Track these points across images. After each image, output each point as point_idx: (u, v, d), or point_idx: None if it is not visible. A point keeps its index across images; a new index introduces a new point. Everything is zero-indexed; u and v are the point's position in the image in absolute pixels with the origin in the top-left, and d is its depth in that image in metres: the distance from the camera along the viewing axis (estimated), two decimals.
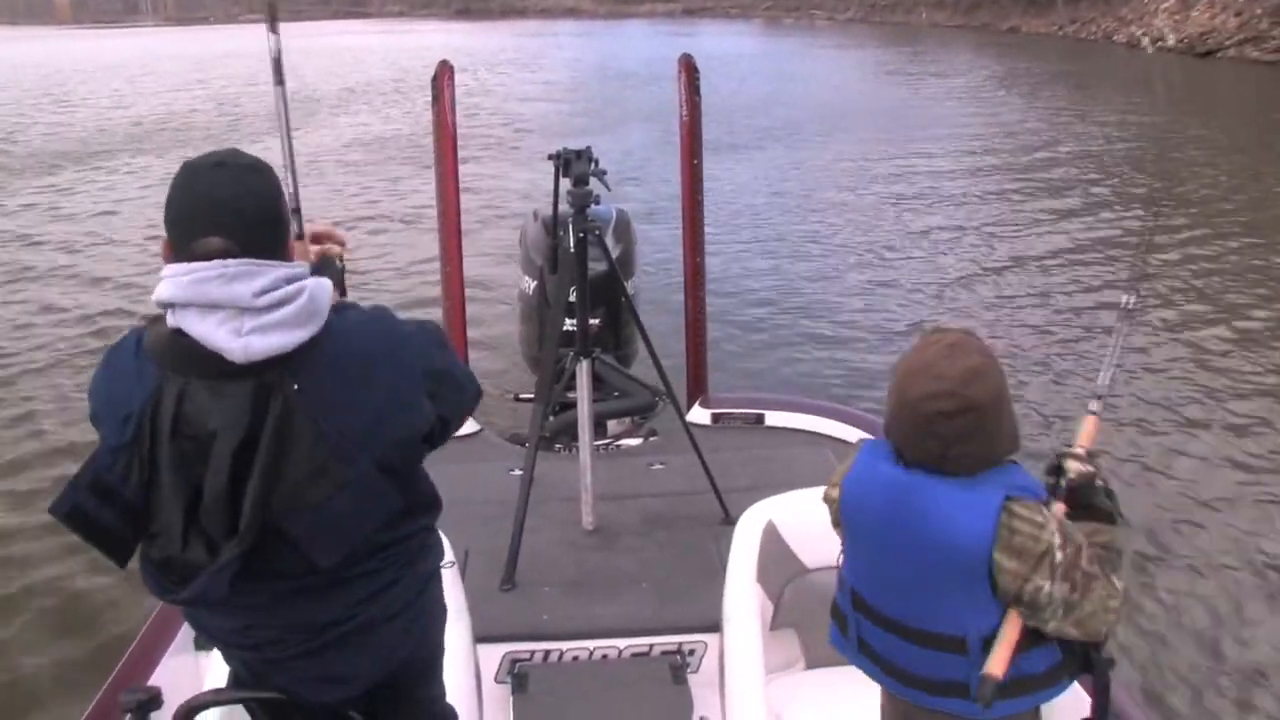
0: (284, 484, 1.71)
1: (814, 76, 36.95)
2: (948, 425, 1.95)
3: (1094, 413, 2.26)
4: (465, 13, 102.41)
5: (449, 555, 2.30)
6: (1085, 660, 2.10)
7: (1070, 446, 2.18)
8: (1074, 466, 2.11)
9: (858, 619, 2.20)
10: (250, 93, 31.06)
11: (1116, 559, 2.08)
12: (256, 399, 1.71)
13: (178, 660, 3.18)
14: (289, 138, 2.19)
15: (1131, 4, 48.59)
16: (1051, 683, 2.08)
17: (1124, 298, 2.48)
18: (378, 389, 1.80)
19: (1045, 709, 2.15)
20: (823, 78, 36.28)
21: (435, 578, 2.11)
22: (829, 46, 52.58)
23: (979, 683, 1.97)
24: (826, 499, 2.25)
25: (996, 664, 1.96)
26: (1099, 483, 2.12)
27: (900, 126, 23.39)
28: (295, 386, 1.72)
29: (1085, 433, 2.21)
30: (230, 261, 1.69)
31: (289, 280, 1.74)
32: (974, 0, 66.97)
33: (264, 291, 1.69)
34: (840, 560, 2.26)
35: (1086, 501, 2.10)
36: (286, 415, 1.71)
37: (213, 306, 1.69)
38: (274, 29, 2.14)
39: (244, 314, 1.68)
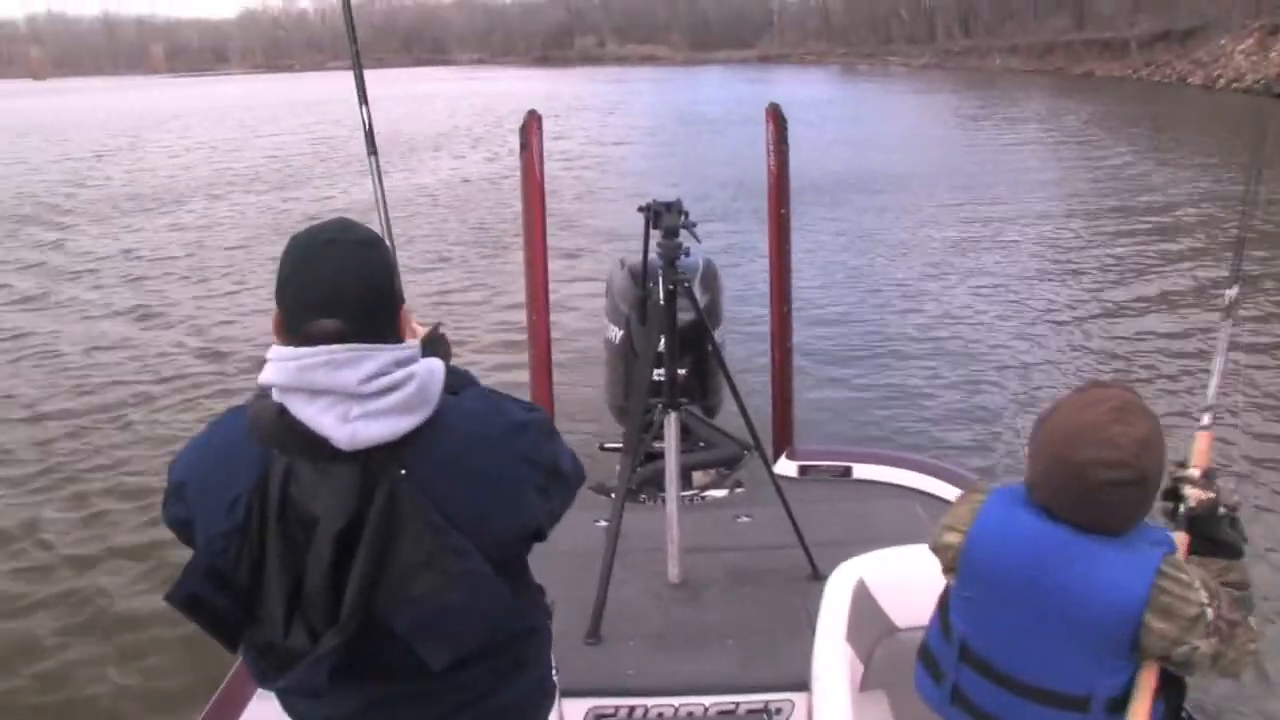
0: (390, 574, 1.66)
1: (893, 124, 36.83)
2: (1118, 494, 1.88)
3: (1205, 428, 2.17)
4: (544, 60, 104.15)
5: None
6: (1179, 711, 2.04)
7: (1185, 468, 2.08)
8: (1193, 494, 2.04)
9: (960, 669, 2.13)
10: (338, 137, 31.75)
11: (1249, 597, 1.99)
12: (363, 483, 1.65)
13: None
14: (385, 207, 2.16)
15: (1207, 46, 47.95)
16: None
17: (1226, 292, 2.38)
18: (489, 480, 1.75)
19: None
20: (902, 125, 36.15)
21: (537, 694, 2.04)
22: (905, 92, 52.46)
23: None
24: (939, 546, 2.16)
25: (1137, 716, 1.92)
26: (1222, 510, 2.02)
27: (979, 173, 23.17)
28: (403, 471, 1.67)
29: (1199, 451, 2.12)
30: (338, 347, 1.64)
31: (399, 364, 1.69)
32: (1047, 45, 66.63)
33: (372, 377, 1.64)
34: (938, 609, 2.21)
35: (1209, 534, 2.01)
36: (393, 501, 1.65)
37: (321, 392, 1.65)
38: (364, 99, 2.11)
39: (351, 400, 1.64)
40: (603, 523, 4.12)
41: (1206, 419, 2.20)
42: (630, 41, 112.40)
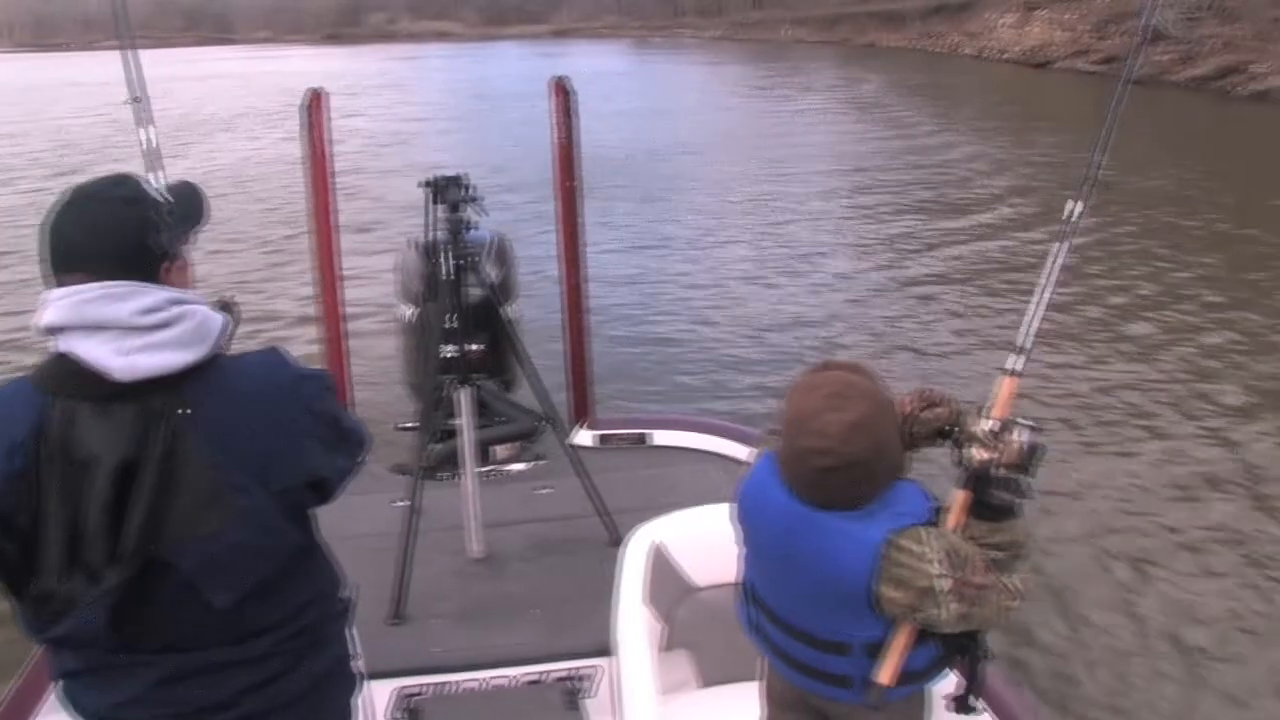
0: (173, 512, 1.65)
1: (686, 94, 37.32)
2: (831, 479, 1.97)
3: (1012, 372, 2.15)
4: (335, 38, 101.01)
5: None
6: (964, 648, 2.13)
7: (980, 421, 2.08)
8: (975, 454, 2.06)
9: (755, 609, 2.24)
10: (106, 121, 30.09)
11: (1015, 556, 2.05)
12: (144, 422, 1.65)
13: None
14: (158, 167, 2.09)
15: (978, 19, 50.39)
16: (934, 674, 2.15)
17: (1070, 204, 2.25)
18: (270, 423, 1.76)
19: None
20: (695, 96, 36.67)
21: (336, 676, 2.02)
22: (698, 64, 53.27)
23: (867, 689, 2.05)
24: (733, 500, 2.24)
25: (885, 674, 2.03)
26: (998, 472, 2.03)
27: (772, 140, 23.76)
28: (185, 411, 1.67)
29: (1000, 399, 2.10)
30: (112, 283, 1.66)
31: (174, 303, 1.71)
32: (834, 16, 68.62)
33: (147, 311, 1.66)
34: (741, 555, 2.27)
35: (981, 497, 2.04)
36: (175, 440, 1.65)
37: (97, 327, 1.65)
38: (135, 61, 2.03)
39: (129, 333, 1.65)
40: (401, 503, 4.05)
41: (1012, 363, 2.16)
42: (423, 18, 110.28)
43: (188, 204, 1.90)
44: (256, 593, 1.78)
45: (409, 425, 5.00)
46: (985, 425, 2.07)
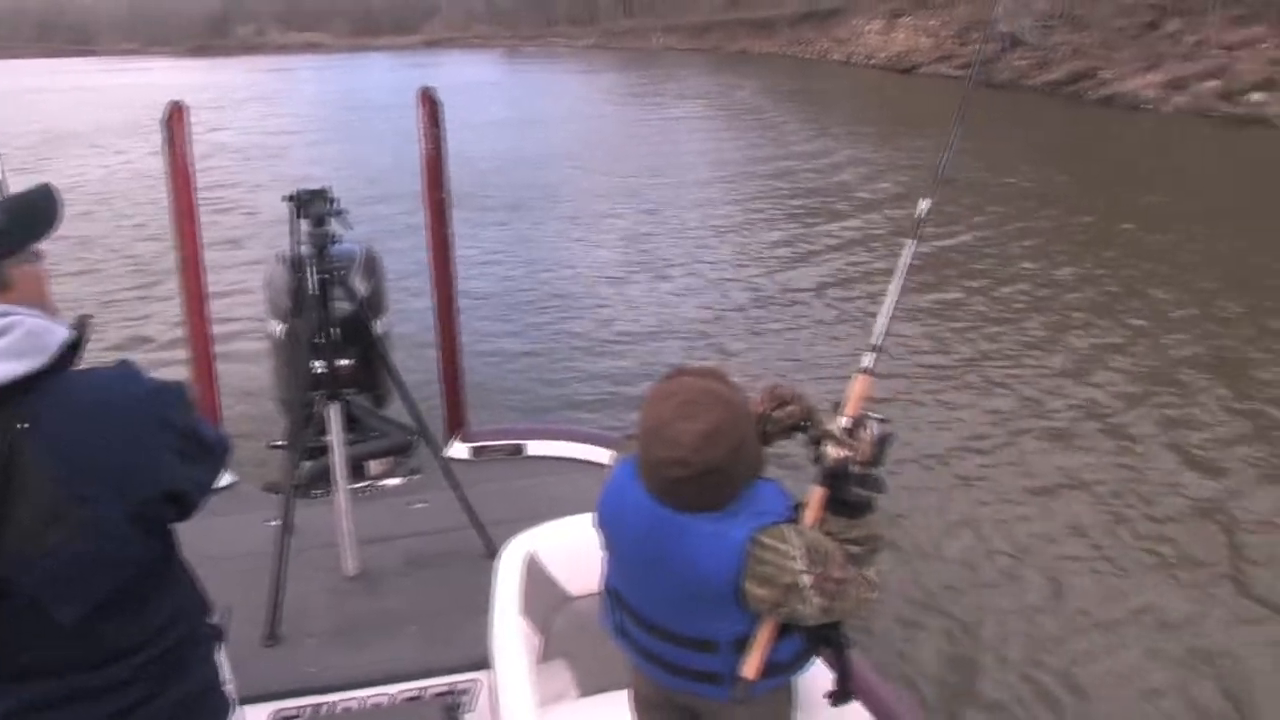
0: (13, 528, 1.59)
1: (559, 102, 37.35)
2: (686, 488, 1.97)
3: (866, 370, 2.17)
4: (202, 50, 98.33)
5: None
6: (827, 639, 2.16)
7: (836, 420, 2.11)
8: (830, 452, 2.08)
9: (620, 613, 2.24)
10: None
11: (872, 550, 2.10)
12: None
13: None
14: None
15: (846, 25, 51.53)
16: (798, 666, 2.17)
17: (920, 203, 2.31)
18: (123, 435, 1.70)
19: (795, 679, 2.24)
20: (568, 103, 36.73)
21: (204, 701, 1.96)
22: (571, 73, 53.33)
23: (733, 684, 2.06)
24: (597, 505, 2.24)
25: (750, 668, 2.05)
26: (854, 469, 2.06)
27: (645, 146, 23.92)
28: (23, 425, 1.61)
29: (854, 396, 2.13)
30: None
31: (2, 315, 1.64)
32: (705, 24, 69.40)
33: None
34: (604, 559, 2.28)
35: (837, 493, 2.07)
36: (13, 454, 1.59)
37: None
38: None
39: None
40: (274, 522, 3.98)
41: (867, 360, 2.18)
42: (291, 30, 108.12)
43: (32, 207, 1.82)
44: (111, 612, 1.73)
45: (280, 443, 4.92)
46: (840, 423, 2.10)
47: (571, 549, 3.25)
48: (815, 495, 2.09)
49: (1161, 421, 7.50)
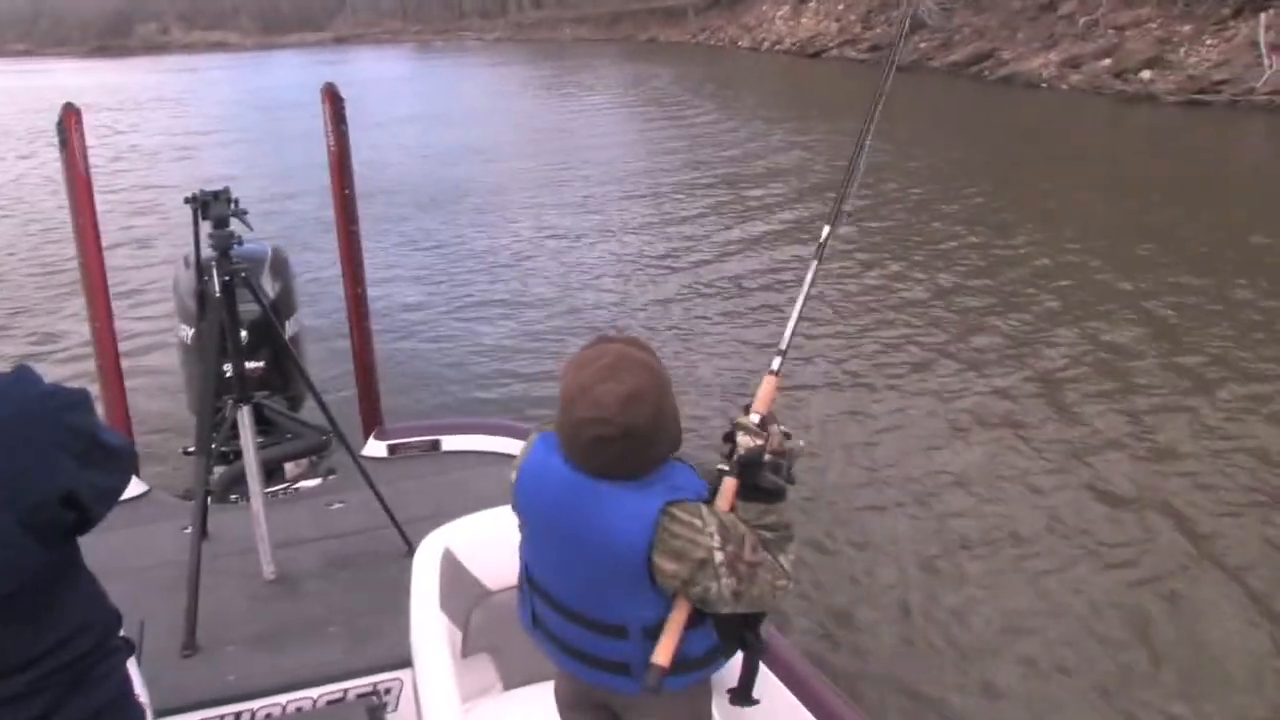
0: None
1: (469, 97, 37.04)
2: (607, 449, 1.98)
3: (774, 372, 2.22)
4: (102, 50, 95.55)
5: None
6: (742, 640, 2.17)
7: (745, 414, 2.14)
8: (743, 441, 2.10)
9: (533, 598, 2.23)
10: None
11: (785, 536, 2.10)
12: None
13: None
14: None
15: (753, 12, 51.81)
16: (709, 662, 2.16)
17: (825, 229, 2.37)
18: (14, 439, 1.67)
19: (715, 675, 2.23)
20: (478, 98, 36.45)
21: (112, 715, 1.91)
22: (481, 65, 52.90)
23: (645, 670, 2.04)
24: (509, 483, 2.23)
25: (662, 654, 2.04)
26: (767, 457, 2.09)
27: (559, 138, 23.83)
28: None
29: (763, 395, 2.16)
30: None
31: None
32: (614, 14, 69.28)
33: None
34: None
35: (751, 480, 2.08)
36: None
37: None
38: None
39: None
40: (190, 529, 3.90)
41: (776, 363, 2.23)
42: (196, 28, 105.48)
43: None
44: (6, 620, 1.69)
45: (194, 449, 4.83)
46: (752, 418, 2.13)
47: (488, 543, 3.22)
48: (728, 485, 2.10)
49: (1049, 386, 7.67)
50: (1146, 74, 25.12)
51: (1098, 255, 11.35)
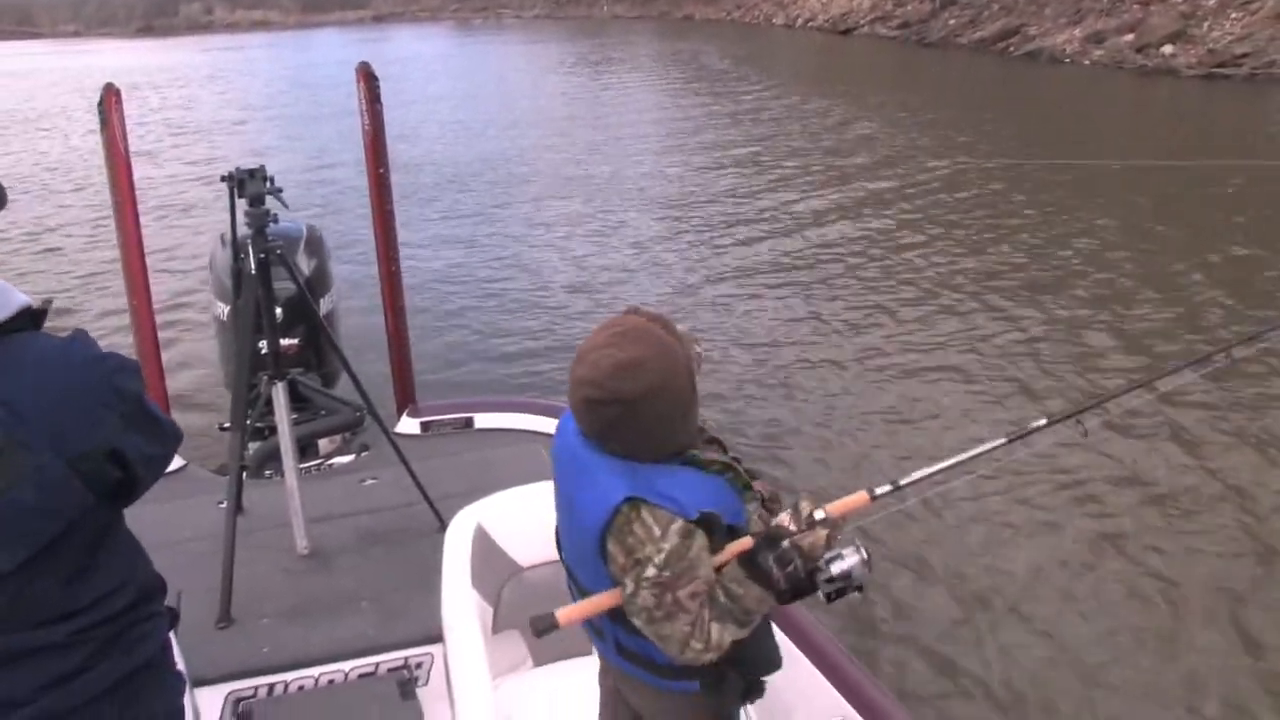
0: None
1: (506, 73, 36.94)
2: (594, 412, 1.95)
3: (873, 496, 2.07)
4: (148, 30, 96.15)
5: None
6: (719, 689, 2.09)
7: (804, 504, 2.00)
8: (781, 518, 1.99)
9: (568, 577, 2.22)
10: None
11: (737, 620, 1.95)
12: None
13: None
14: None
15: None
16: (681, 679, 2.10)
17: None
18: (66, 390, 1.71)
19: None
20: (515, 74, 36.33)
21: (148, 678, 1.91)
22: (519, 42, 52.69)
23: (538, 620, 2.01)
24: None
25: (565, 613, 2.02)
26: (786, 543, 1.92)
27: (590, 118, 23.69)
28: None
29: (845, 501, 2.04)
30: None
31: None
32: None
33: None
34: None
35: (753, 555, 1.94)
36: None
37: None
38: None
39: None
40: (226, 504, 3.91)
41: (881, 490, 2.08)
42: (240, 8, 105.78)
43: None
44: (49, 566, 1.71)
45: (229, 425, 4.85)
46: (816, 513, 1.98)
47: (520, 519, 3.21)
48: (739, 542, 1.99)
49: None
50: (1168, 48, 25.19)
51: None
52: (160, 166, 17.64)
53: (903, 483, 2.10)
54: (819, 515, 1.96)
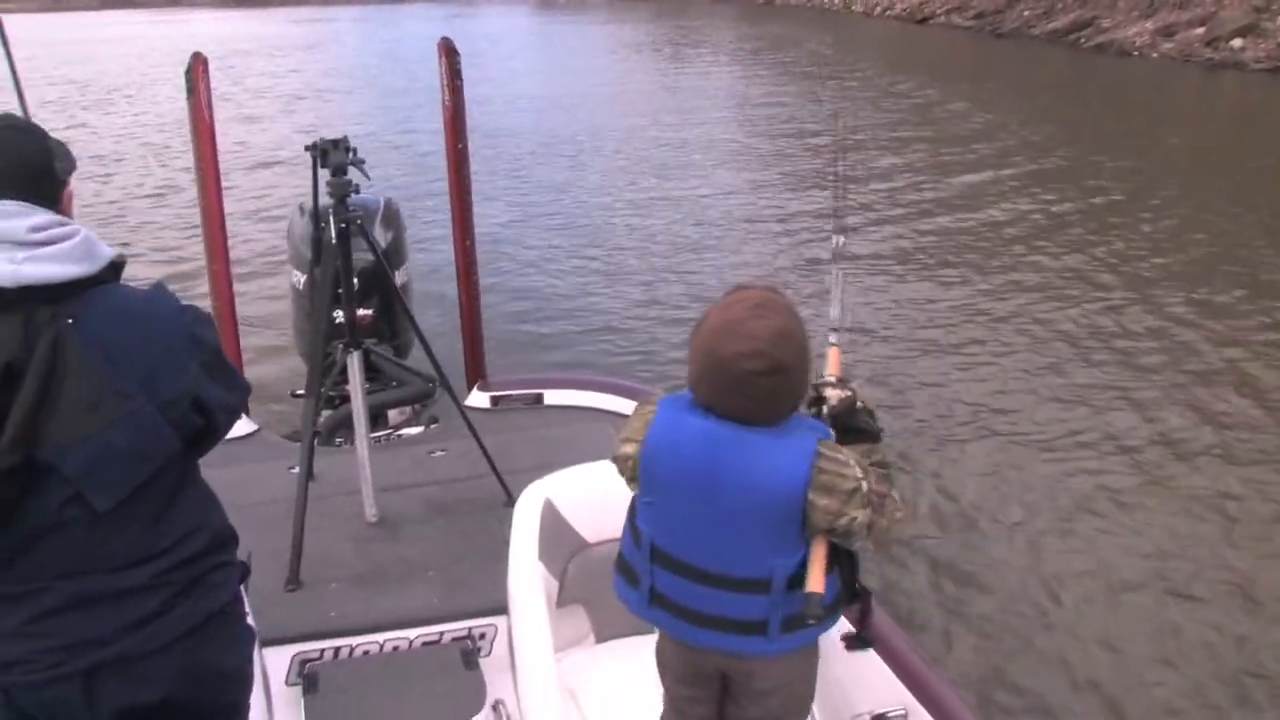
0: (56, 412, 1.70)
1: (593, 53, 36.80)
2: (759, 384, 1.95)
3: (834, 344, 2.34)
4: (240, 0, 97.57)
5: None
6: (852, 592, 2.16)
7: (823, 377, 2.24)
8: (833, 394, 2.19)
9: (654, 572, 2.16)
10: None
11: (891, 473, 2.14)
12: (26, 329, 1.71)
13: None
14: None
15: None
16: (832, 614, 2.14)
17: (835, 239, 2.64)
18: (153, 338, 1.82)
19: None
20: (599, 55, 36.22)
21: (221, 626, 1.98)
22: (603, 22, 52.56)
23: (806, 601, 2.02)
24: (619, 458, 2.20)
25: (815, 582, 2.02)
26: (859, 405, 2.19)
27: (676, 97, 23.55)
28: (69, 320, 1.73)
29: (832, 363, 2.29)
30: (8, 202, 1.75)
31: (62, 224, 1.79)
32: None
33: (40, 229, 1.75)
34: (628, 519, 2.23)
35: (850, 425, 2.15)
36: (59, 346, 1.71)
37: None
38: None
39: (19, 247, 1.72)
40: (297, 469, 3.93)
41: (834, 337, 2.35)
42: None
43: (65, 145, 1.97)
44: (140, 507, 1.79)
45: (302, 392, 4.87)
46: (830, 378, 2.27)
47: (589, 496, 3.18)
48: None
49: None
50: (1237, 42, 24.99)
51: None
52: (244, 134, 17.86)
53: (833, 324, 2.42)
54: (830, 378, 2.26)
